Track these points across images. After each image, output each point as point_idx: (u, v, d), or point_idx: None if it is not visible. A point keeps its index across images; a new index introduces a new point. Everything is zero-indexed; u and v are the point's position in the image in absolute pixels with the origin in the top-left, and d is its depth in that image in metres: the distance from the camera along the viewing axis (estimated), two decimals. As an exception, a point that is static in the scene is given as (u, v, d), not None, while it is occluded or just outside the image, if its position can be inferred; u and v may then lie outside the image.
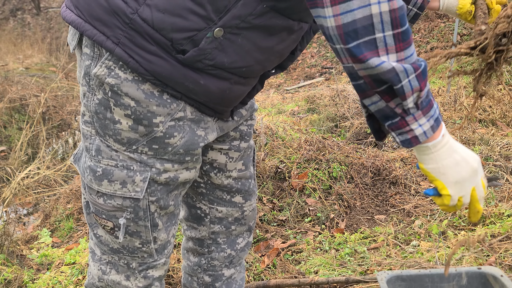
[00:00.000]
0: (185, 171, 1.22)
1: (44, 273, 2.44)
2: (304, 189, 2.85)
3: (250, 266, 2.26)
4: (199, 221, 1.50)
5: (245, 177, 1.46)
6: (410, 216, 2.62)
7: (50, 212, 3.29)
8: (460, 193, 1.05)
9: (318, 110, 4.42)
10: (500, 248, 2.05)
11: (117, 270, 1.31)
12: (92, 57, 1.11)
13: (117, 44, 1.06)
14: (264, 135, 3.26)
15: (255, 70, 1.16)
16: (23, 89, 6.36)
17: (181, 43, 1.05)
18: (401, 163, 3.20)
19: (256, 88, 1.27)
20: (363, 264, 2.17)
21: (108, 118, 1.13)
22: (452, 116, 4.03)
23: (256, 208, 1.54)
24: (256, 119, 1.47)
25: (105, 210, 1.21)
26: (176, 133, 1.15)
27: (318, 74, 6.93)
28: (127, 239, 1.24)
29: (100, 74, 1.10)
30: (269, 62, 1.18)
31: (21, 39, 11.49)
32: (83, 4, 1.10)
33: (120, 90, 1.09)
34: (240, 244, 1.55)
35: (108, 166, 1.17)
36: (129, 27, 1.05)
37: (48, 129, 5.78)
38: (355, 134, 3.82)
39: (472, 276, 1.43)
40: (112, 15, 1.05)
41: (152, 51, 1.06)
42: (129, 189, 1.17)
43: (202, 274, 1.56)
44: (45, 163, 4.26)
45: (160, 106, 1.11)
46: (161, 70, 1.07)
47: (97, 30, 1.07)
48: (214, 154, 1.39)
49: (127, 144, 1.15)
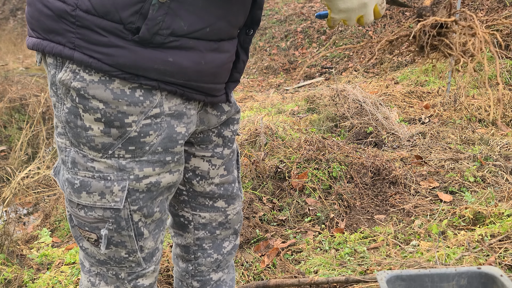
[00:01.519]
0: (168, 174, 1.19)
1: (44, 273, 2.44)
2: (304, 189, 2.85)
3: (250, 266, 2.27)
4: (184, 228, 1.48)
5: (228, 182, 1.43)
6: (410, 216, 2.63)
7: (50, 212, 3.29)
8: (344, 18, 1.15)
9: (318, 110, 4.42)
10: (500, 248, 2.05)
11: (106, 282, 1.29)
12: (56, 65, 1.09)
13: (74, 49, 1.03)
14: (264, 135, 3.26)
15: (222, 28, 1.10)
16: (23, 88, 6.37)
17: (132, 21, 1.00)
18: (401, 163, 3.20)
19: (241, 59, 1.21)
20: (363, 264, 2.17)
21: (79, 126, 1.10)
22: (452, 116, 4.03)
23: (241, 211, 1.51)
24: (239, 124, 1.44)
25: (87, 222, 1.19)
26: (152, 131, 1.11)
27: (318, 74, 6.93)
28: (112, 250, 1.22)
29: (65, 79, 1.07)
30: (233, 15, 1.11)
31: (21, 39, 11.49)
32: (35, 23, 1.08)
33: (87, 93, 1.06)
34: (227, 248, 1.53)
35: (85, 178, 1.14)
36: (77, 26, 1.02)
37: (48, 128, 5.77)
38: (355, 134, 3.82)
39: (472, 276, 1.43)
40: (59, 20, 1.03)
41: (108, 43, 1.01)
42: (108, 199, 1.15)
43: (191, 279, 1.55)
44: (45, 162, 4.26)
45: (131, 105, 1.07)
46: (124, 60, 1.02)
47: (53, 42, 1.05)
48: (197, 162, 1.37)
49: (103, 150, 1.11)
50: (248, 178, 2.92)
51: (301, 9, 8.81)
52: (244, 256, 2.36)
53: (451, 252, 2.07)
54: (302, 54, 7.68)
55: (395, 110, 4.25)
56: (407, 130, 3.78)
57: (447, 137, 3.62)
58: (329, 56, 7.35)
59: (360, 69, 6.37)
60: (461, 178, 2.93)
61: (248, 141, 3.31)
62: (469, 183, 2.85)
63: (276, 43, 8.16)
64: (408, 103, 4.54)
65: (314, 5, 8.86)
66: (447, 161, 3.18)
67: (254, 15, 1.19)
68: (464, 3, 6.13)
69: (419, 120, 4.12)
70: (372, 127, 3.82)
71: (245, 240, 2.47)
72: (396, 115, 4.12)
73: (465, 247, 2.11)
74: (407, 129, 3.79)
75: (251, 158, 3.01)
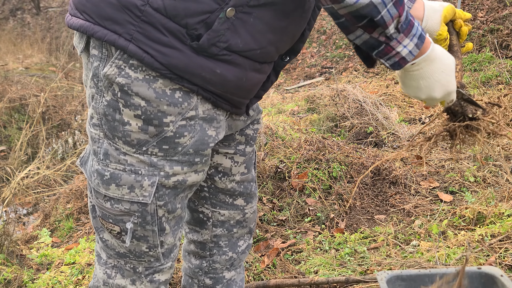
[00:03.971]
0: (194, 174, 1.21)
1: (43, 273, 2.44)
2: (304, 189, 2.85)
3: (250, 266, 2.26)
4: (202, 224, 1.50)
5: (247, 180, 1.46)
6: (410, 216, 2.62)
7: (50, 212, 3.29)
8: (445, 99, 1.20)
9: (318, 110, 4.42)
10: (500, 248, 2.05)
11: (122, 275, 1.30)
12: (101, 58, 1.11)
13: (130, 41, 1.05)
14: (264, 135, 3.26)
15: (269, 53, 1.16)
16: (22, 89, 6.36)
17: (196, 28, 1.05)
18: (401, 163, 3.19)
19: (271, 79, 1.27)
20: (363, 264, 2.17)
21: (117, 120, 1.12)
22: (452, 116, 4.03)
23: (256, 210, 1.54)
24: (262, 123, 1.46)
25: (112, 214, 1.20)
26: (186, 132, 1.14)
27: (318, 74, 6.93)
28: (134, 244, 1.23)
29: (110, 73, 1.08)
30: (282, 43, 1.18)
31: (20, 39, 11.49)
32: (90, 7, 1.09)
33: (130, 89, 1.08)
34: (241, 246, 1.55)
35: (116, 170, 1.16)
36: (141, 20, 1.04)
37: (48, 129, 5.77)
38: (355, 134, 3.82)
39: (472, 276, 1.43)
40: (122, 11, 1.05)
41: (167, 43, 1.05)
42: (137, 193, 1.16)
43: (203, 276, 1.55)
44: (45, 163, 4.25)
45: (171, 106, 1.10)
46: (177, 62, 1.06)
47: (108, 29, 1.06)
48: (220, 158, 1.39)
49: (137, 145, 1.14)
50: (248, 178, 2.92)
51: (301, 9, 8.80)
52: (244, 256, 2.36)
53: (451, 252, 2.07)
54: (302, 54, 7.68)
55: (395, 110, 4.25)
56: (407, 130, 3.78)
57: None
58: (329, 56, 7.35)
59: (360, 69, 6.37)
60: (461, 178, 2.93)
61: (248, 141, 3.31)
62: (469, 183, 2.85)
63: (276, 43, 8.16)
64: (408, 103, 4.54)
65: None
66: (447, 161, 3.18)
67: (296, 46, 1.25)
68: (464, 3, 6.13)
69: (419, 120, 4.12)
70: (372, 127, 3.82)
71: (245, 240, 2.47)
72: (396, 115, 4.12)
73: (465, 247, 2.11)
74: (407, 129, 3.79)
75: (251, 158, 3.01)
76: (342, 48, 7.38)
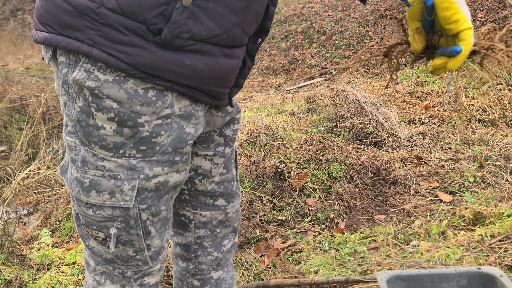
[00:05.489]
0: (176, 174, 1.20)
1: (44, 273, 2.44)
2: (304, 189, 2.85)
3: (250, 266, 2.27)
4: (184, 227, 1.49)
5: (227, 180, 1.45)
6: (410, 216, 2.63)
7: (50, 212, 3.29)
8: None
9: (318, 110, 4.43)
10: (500, 248, 2.06)
11: (111, 280, 1.29)
12: (69, 64, 1.09)
13: (93, 46, 1.03)
14: (264, 135, 3.26)
15: (237, 35, 1.13)
16: (23, 89, 6.37)
17: (155, 22, 1.03)
18: (401, 163, 3.20)
19: (247, 65, 1.24)
20: (363, 264, 2.17)
21: (91, 125, 1.10)
22: (452, 116, 4.04)
23: (239, 209, 1.53)
24: (240, 123, 1.45)
25: (96, 221, 1.19)
26: (163, 131, 1.12)
27: (318, 74, 6.93)
28: (120, 249, 1.23)
29: (79, 78, 1.07)
30: (247, 24, 1.14)
31: (21, 39, 11.50)
32: (50, 18, 1.08)
33: (101, 92, 1.06)
34: (226, 246, 1.54)
35: (95, 177, 1.14)
36: (99, 23, 1.02)
37: (49, 129, 5.78)
38: (355, 134, 3.82)
39: (472, 276, 1.44)
40: (79, 17, 1.03)
41: (129, 42, 1.03)
42: (118, 198, 1.15)
43: (191, 278, 1.55)
44: (46, 163, 4.26)
45: (144, 105, 1.08)
46: (143, 60, 1.04)
47: (70, 38, 1.05)
48: (199, 161, 1.38)
49: (114, 149, 1.12)
50: (248, 178, 2.92)
51: (301, 10, 8.81)
52: (244, 256, 2.37)
53: (451, 252, 2.07)
54: (302, 55, 7.68)
55: (395, 110, 4.25)
56: (407, 130, 3.78)
57: (447, 138, 3.63)
58: (329, 56, 7.35)
59: (360, 70, 6.38)
60: (461, 178, 2.93)
61: (248, 142, 3.31)
62: (469, 183, 2.85)
63: (276, 44, 8.17)
64: (408, 104, 4.54)
65: (314, 6, 8.86)
66: (447, 161, 3.19)
67: (264, 25, 1.21)
68: (464, 3, 6.12)
69: (419, 120, 4.12)
70: (372, 127, 3.82)
71: (245, 240, 2.48)
72: (396, 115, 4.12)
73: (465, 247, 2.11)
74: (407, 130, 3.80)
75: (251, 159, 3.01)
76: (342, 49, 7.38)
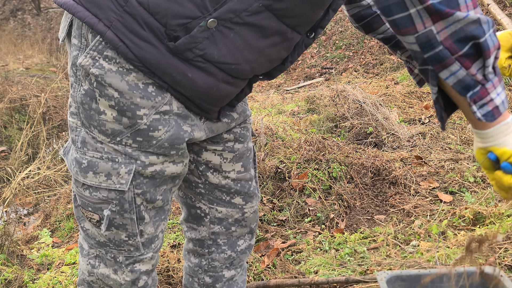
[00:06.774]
0: (172, 165, 1.21)
1: (44, 273, 2.44)
2: (304, 189, 2.85)
3: (250, 266, 2.27)
4: (199, 221, 1.50)
5: (245, 179, 1.46)
6: (410, 216, 2.63)
7: (50, 212, 3.29)
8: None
9: (318, 110, 4.43)
10: (500, 248, 2.06)
11: (105, 264, 1.32)
12: (79, 47, 1.12)
13: (109, 27, 1.05)
14: (264, 135, 3.26)
15: (244, 70, 1.16)
16: (23, 89, 6.37)
17: (175, 29, 1.05)
18: (401, 163, 3.20)
19: (244, 91, 1.26)
20: (363, 264, 2.17)
21: (93, 109, 1.13)
22: (452, 116, 4.04)
23: (257, 210, 1.53)
24: (251, 122, 1.46)
25: (91, 203, 1.21)
26: (161, 126, 1.14)
27: (318, 74, 6.93)
28: (113, 232, 1.24)
29: (84, 64, 1.09)
30: (258, 64, 1.17)
31: (21, 40, 11.50)
32: None
33: (103, 80, 1.09)
34: (241, 246, 1.54)
35: (93, 158, 1.17)
36: (123, 10, 1.04)
37: (49, 129, 5.78)
38: (355, 134, 3.83)
39: (472, 276, 1.44)
40: None
41: (144, 37, 1.05)
42: (114, 181, 1.17)
43: (203, 275, 1.56)
44: (46, 163, 4.26)
45: (144, 99, 1.11)
46: (150, 57, 1.06)
47: (89, 12, 1.06)
48: (208, 155, 1.39)
49: (111, 135, 1.14)
50: (248, 178, 2.92)
51: (301, 10, 8.81)
52: (244, 256, 2.37)
53: (451, 252, 2.07)
54: (302, 55, 7.68)
55: (395, 110, 4.25)
56: (407, 130, 3.78)
57: (447, 138, 3.63)
58: (329, 56, 7.35)
59: (360, 70, 6.38)
60: (461, 178, 2.93)
61: (248, 142, 3.31)
62: (469, 183, 2.85)
63: (276, 44, 8.16)
64: (408, 104, 4.54)
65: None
66: (447, 161, 3.19)
67: (272, 72, 1.24)
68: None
69: (419, 120, 4.12)
70: (372, 127, 3.82)
71: (245, 240, 2.48)
72: (396, 115, 4.12)
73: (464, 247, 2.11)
74: (407, 130, 3.80)
75: (251, 159, 3.01)
76: (342, 49, 7.38)
